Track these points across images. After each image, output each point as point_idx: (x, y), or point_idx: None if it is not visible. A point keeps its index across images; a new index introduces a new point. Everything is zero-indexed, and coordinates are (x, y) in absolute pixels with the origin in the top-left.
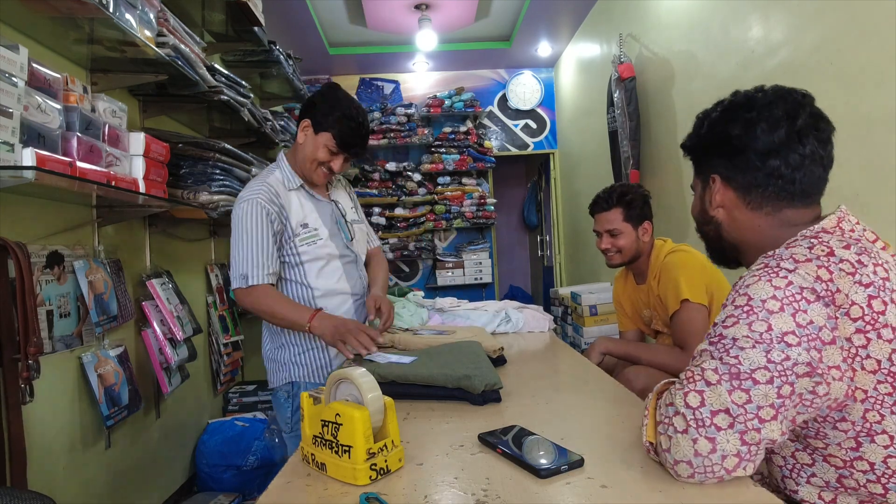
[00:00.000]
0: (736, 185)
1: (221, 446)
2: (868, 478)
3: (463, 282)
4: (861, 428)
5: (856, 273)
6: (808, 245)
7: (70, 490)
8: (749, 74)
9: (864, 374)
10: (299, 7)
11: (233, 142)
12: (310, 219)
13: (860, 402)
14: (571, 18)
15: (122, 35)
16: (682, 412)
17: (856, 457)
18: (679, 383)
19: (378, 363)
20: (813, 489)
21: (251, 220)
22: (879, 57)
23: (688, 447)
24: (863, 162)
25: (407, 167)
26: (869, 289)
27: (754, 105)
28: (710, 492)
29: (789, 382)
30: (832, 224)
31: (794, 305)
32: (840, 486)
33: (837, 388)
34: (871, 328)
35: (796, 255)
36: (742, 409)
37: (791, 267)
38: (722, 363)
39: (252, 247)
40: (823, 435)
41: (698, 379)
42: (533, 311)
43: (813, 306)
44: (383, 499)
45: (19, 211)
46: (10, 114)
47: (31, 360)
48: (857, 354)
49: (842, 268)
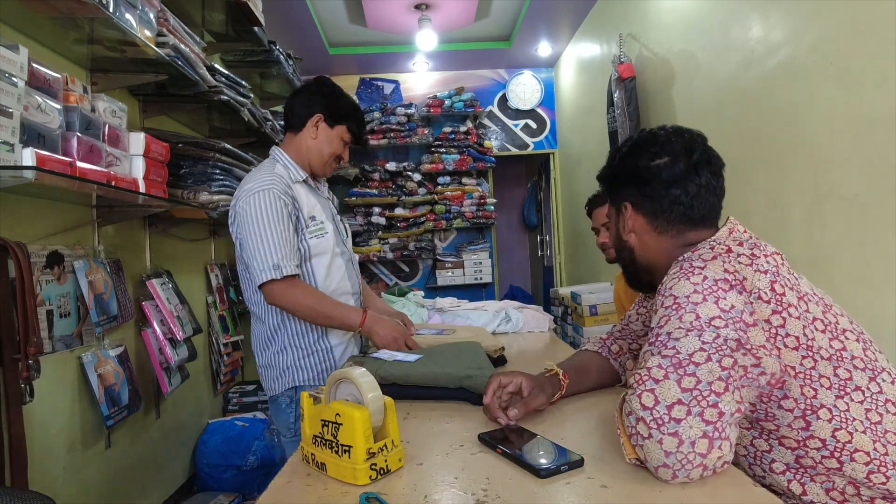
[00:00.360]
0: (644, 212)
1: (221, 446)
2: (822, 454)
3: (463, 282)
4: (804, 405)
5: (752, 263)
6: (710, 247)
7: (70, 490)
8: (749, 74)
9: (788, 351)
10: (299, 7)
11: (233, 142)
12: (315, 212)
13: (794, 378)
14: (571, 18)
15: (122, 35)
16: (640, 416)
17: (807, 436)
18: (630, 388)
19: (383, 361)
20: (780, 479)
21: (272, 208)
22: (879, 57)
23: (657, 451)
24: (863, 162)
25: (407, 167)
26: (767, 275)
27: (657, 141)
28: (711, 492)
29: (728, 355)
30: (724, 234)
31: (714, 295)
32: (799, 467)
33: (770, 363)
34: (781, 308)
35: (703, 255)
36: (693, 391)
37: (701, 265)
38: (663, 357)
39: (278, 236)
40: (772, 416)
41: (646, 379)
42: (532, 311)
43: (730, 294)
44: (383, 499)
45: (19, 211)
46: (10, 114)
47: (31, 360)
48: (777, 334)
49: (740, 260)
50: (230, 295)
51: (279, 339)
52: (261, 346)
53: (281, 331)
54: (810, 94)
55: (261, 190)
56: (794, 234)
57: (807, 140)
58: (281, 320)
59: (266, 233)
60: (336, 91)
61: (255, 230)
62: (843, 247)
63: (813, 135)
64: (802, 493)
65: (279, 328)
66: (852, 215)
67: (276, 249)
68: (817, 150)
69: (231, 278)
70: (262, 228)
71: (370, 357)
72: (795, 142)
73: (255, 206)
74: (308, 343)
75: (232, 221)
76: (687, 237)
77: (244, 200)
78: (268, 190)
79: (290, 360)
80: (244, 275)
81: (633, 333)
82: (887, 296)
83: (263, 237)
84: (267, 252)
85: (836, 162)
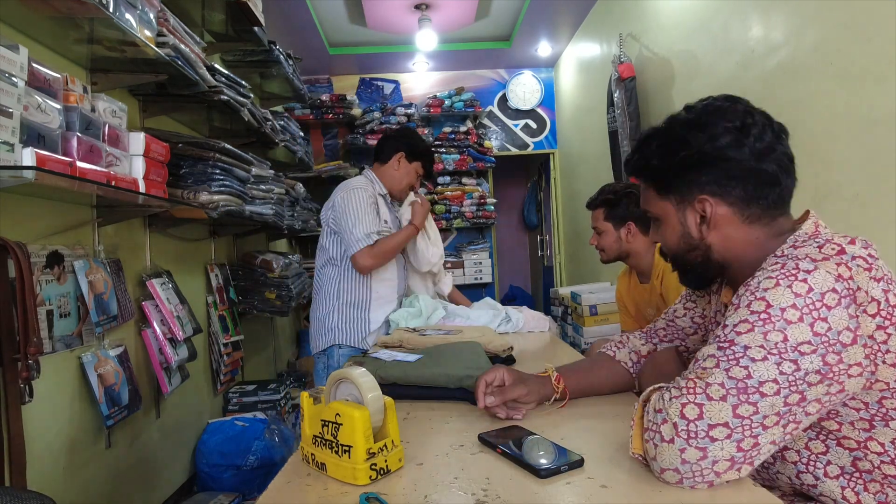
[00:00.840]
0: (732, 200)
1: (221, 446)
2: (882, 459)
3: (463, 282)
4: (876, 412)
5: (871, 269)
6: (817, 245)
7: (70, 490)
8: (749, 74)
9: (885, 367)
10: (299, 7)
11: (233, 142)
12: (387, 217)
13: (879, 391)
14: (571, 18)
15: (122, 35)
16: (673, 421)
17: (867, 437)
18: (675, 390)
19: (383, 361)
20: (835, 485)
21: (364, 200)
22: (880, 56)
23: (674, 456)
24: (863, 162)
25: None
26: (881, 283)
27: (728, 113)
28: (711, 492)
29: (797, 391)
30: (812, 228)
31: (813, 314)
32: (855, 470)
33: (853, 383)
34: (889, 323)
35: (811, 254)
36: (745, 420)
37: (810, 267)
38: (729, 377)
39: (369, 217)
40: (836, 413)
41: (700, 392)
42: (532, 311)
43: (834, 311)
44: (383, 499)
45: (19, 211)
46: (10, 114)
47: (30, 360)
48: (879, 350)
49: (858, 264)
50: (230, 295)
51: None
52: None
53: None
54: (810, 94)
55: (359, 188)
56: None
57: (807, 140)
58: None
59: (360, 214)
60: (416, 136)
61: (350, 213)
62: None
63: (813, 135)
64: (857, 502)
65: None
66: (852, 215)
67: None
68: (817, 150)
69: (231, 278)
70: (354, 212)
71: (370, 357)
72: (795, 142)
73: (355, 198)
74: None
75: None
76: (779, 224)
77: (345, 193)
78: (362, 189)
79: (335, 322)
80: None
81: (681, 332)
82: None
83: (357, 216)
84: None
85: (836, 162)
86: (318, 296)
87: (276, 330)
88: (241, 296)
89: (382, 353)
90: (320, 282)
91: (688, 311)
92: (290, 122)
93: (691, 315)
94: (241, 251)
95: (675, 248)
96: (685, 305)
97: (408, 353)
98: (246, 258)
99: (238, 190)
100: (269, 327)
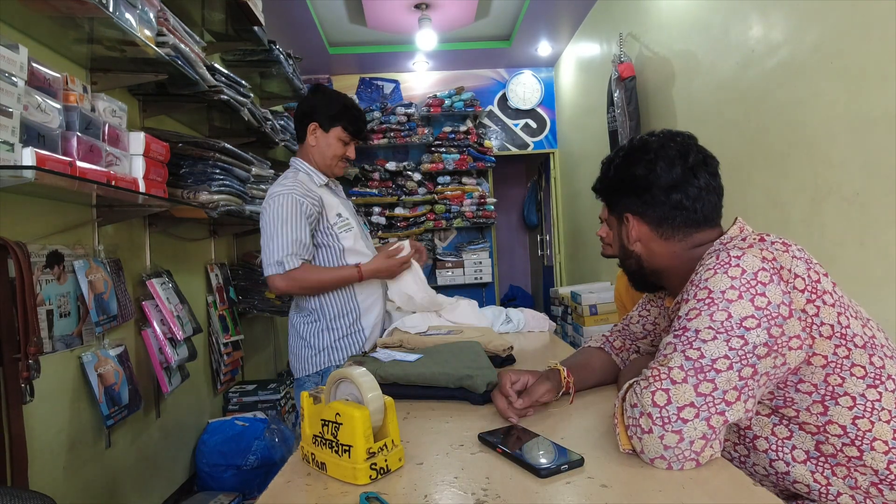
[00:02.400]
0: (648, 220)
1: (221, 446)
2: (843, 441)
3: (463, 281)
4: (825, 391)
5: (789, 249)
6: (741, 239)
7: (70, 489)
8: (749, 74)
9: (822, 340)
10: (299, 6)
11: (233, 141)
12: (340, 209)
13: (821, 368)
14: (571, 18)
15: (122, 34)
16: (648, 412)
17: (826, 421)
18: (644, 381)
19: (382, 362)
20: (804, 469)
21: (285, 210)
22: (880, 56)
23: (656, 445)
24: (863, 162)
25: (407, 167)
26: (801, 261)
27: (650, 148)
28: (711, 492)
29: (749, 364)
30: (735, 232)
31: (751, 291)
32: (820, 455)
33: (794, 356)
34: (816, 297)
35: (737, 244)
36: (707, 397)
37: (738, 254)
38: (686, 359)
39: (287, 235)
40: (791, 400)
41: (664, 377)
42: (532, 311)
43: (769, 287)
44: (383, 498)
45: (19, 211)
46: (10, 113)
47: (31, 360)
48: (813, 323)
49: (776, 248)
50: (230, 295)
51: (321, 320)
52: (300, 326)
53: (319, 315)
54: (810, 93)
55: (280, 194)
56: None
57: (807, 140)
58: (319, 305)
59: (277, 233)
60: (327, 96)
61: (269, 230)
62: (843, 246)
63: (813, 134)
64: (828, 485)
65: (317, 312)
66: (852, 215)
67: (282, 247)
68: (817, 150)
69: (231, 278)
70: (273, 229)
71: (370, 357)
72: (795, 141)
73: (272, 209)
74: (344, 325)
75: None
76: (694, 239)
77: (266, 203)
78: (286, 194)
79: (328, 341)
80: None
81: (633, 335)
82: (887, 295)
83: (273, 236)
84: (274, 249)
85: (836, 161)
86: (298, 317)
87: (276, 330)
88: (241, 295)
89: (382, 353)
90: (298, 302)
91: (642, 318)
92: (290, 121)
93: (643, 322)
94: (240, 251)
95: (619, 255)
96: (640, 313)
97: (408, 352)
98: (246, 258)
99: (238, 189)
100: (269, 327)
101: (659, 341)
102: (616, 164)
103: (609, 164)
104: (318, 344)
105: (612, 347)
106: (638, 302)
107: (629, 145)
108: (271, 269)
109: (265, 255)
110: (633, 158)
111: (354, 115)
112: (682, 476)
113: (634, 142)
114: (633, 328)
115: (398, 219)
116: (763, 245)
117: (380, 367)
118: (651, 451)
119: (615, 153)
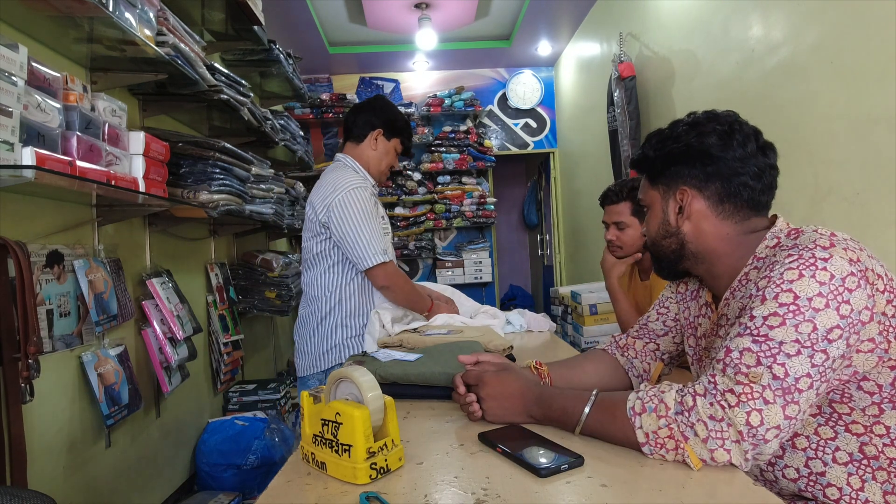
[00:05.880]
0: (708, 195)
1: (221, 445)
2: (884, 441)
3: (463, 281)
4: (888, 394)
5: (863, 248)
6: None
7: (70, 489)
8: (749, 73)
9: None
10: (299, 6)
11: (233, 141)
12: (383, 213)
13: (889, 369)
14: (571, 17)
15: (122, 34)
16: (739, 429)
17: (874, 421)
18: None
19: (382, 362)
20: (841, 471)
21: (368, 204)
22: (880, 56)
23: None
24: (863, 161)
25: (407, 166)
26: (875, 259)
27: (723, 120)
28: (711, 491)
29: (826, 380)
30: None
31: (838, 298)
32: (863, 457)
33: (861, 359)
34: (894, 296)
35: (819, 242)
36: (792, 420)
37: (825, 255)
38: (773, 377)
39: (376, 226)
40: (849, 397)
41: (756, 397)
42: (534, 312)
43: (855, 293)
44: (383, 498)
45: (19, 210)
46: (10, 113)
47: (31, 360)
48: (891, 325)
49: (856, 246)
50: (230, 294)
51: (333, 319)
52: (315, 320)
53: (336, 311)
54: (810, 93)
55: (358, 186)
56: None
57: (807, 139)
58: (337, 301)
59: (369, 223)
60: (393, 108)
61: (358, 220)
62: None
63: (813, 134)
64: (860, 489)
65: (335, 309)
66: (852, 214)
67: (380, 238)
68: (817, 150)
69: (231, 277)
70: (362, 219)
71: (370, 357)
72: (795, 141)
73: (356, 200)
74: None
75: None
76: (751, 223)
77: (345, 193)
78: (363, 187)
79: (341, 338)
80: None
81: (652, 333)
82: None
83: (367, 226)
84: (373, 239)
85: (835, 161)
86: (313, 308)
87: (276, 329)
88: (241, 295)
89: (382, 353)
90: (316, 293)
91: (660, 315)
92: (290, 121)
93: (663, 319)
94: (241, 250)
95: (654, 234)
96: (658, 311)
97: (408, 352)
98: (246, 257)
99: (238, 189)
100: (269, 327)
101: (680, 338)
102: (679, 132)
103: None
104: (330, 341)
105: (617, 347)
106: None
107: (691, 117)
108: (377, 257)
109: (361, 246)
110: (704, 127)
111: (410, 132)
112: (682, 476)
113: (699, 114)
114: (651, 326)
115: (398, 218)
116: (845, 244)
117: (380, 367)
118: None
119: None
